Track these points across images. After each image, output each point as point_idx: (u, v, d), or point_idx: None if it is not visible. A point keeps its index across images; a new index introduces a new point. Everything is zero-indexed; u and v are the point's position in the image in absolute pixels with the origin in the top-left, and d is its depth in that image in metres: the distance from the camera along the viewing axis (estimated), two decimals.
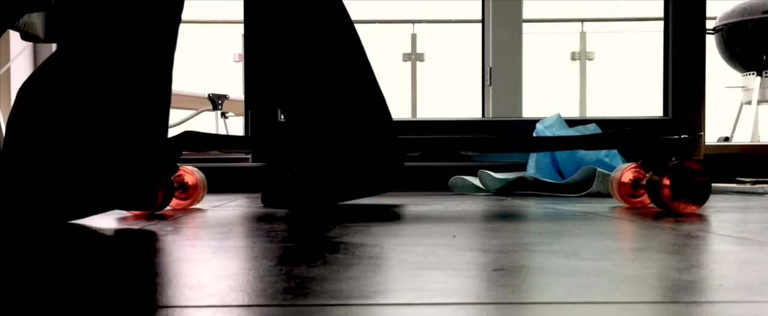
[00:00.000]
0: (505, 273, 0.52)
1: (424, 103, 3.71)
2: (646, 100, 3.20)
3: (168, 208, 1.24)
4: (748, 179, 2.09)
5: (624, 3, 3.79)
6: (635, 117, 2.22)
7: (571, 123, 1.91)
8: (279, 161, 2.01)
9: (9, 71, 2.17)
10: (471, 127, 2.12)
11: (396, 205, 1.36)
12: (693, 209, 1.10)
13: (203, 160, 2.12)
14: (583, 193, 1.70)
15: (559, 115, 1.93)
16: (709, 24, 3.11)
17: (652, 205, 1.18)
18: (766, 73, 3.22)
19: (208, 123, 3.49)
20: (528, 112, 2.28)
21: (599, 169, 1.69)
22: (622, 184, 1.27)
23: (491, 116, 2.25)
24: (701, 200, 1.11)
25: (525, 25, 2.29)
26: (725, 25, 3.16)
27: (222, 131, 3.46)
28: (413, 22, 3.81)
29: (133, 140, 0.92)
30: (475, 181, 1.93)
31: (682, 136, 1.20)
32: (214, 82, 3.63)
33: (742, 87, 3.40)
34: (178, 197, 1.28)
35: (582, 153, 1.81)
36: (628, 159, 1.76)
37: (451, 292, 0.46)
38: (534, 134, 1.90)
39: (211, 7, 3.76)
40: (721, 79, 3.40)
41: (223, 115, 3.52)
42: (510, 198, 1.65)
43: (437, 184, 2.04)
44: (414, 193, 1.84)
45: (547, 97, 3.60)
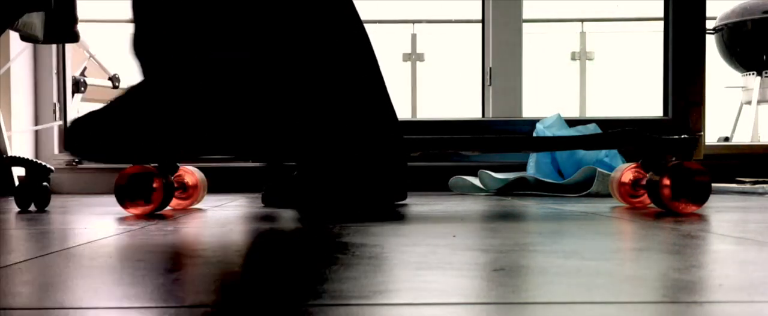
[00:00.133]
0: (505, 273, 0.52)
1: (424, 103, 3.71)
2: (646, 100, 3.20)
3: (168, 208, 1.24)
4: (748, 179, 2.09)
5: (624, 3, 3.79)
6: (635, 117, 2.22)
7: (571, 123, 1.91)
8: (279, 161, 2.01)
9: (9, 71, 2.16)
10: (471, 127, 2.12)
11: (396, 204, 1.36)
12: (693, 209, 1.10)
13: (203, 160, 2.11)
14: (583, 193, 1.71)
15: (559, 115, 1.93)
16: (709, 24, 3.11)
17: (652, 205, 1.18)
18: (766, 73, 3.22)
19: None
20: (528, 112, 2.28)
21: (599, 169, 1.69)
22: (622, 184, 1.27)
23: (491, 116, 2.25)
24: (701, 200, 1.11)
25: (525, 25, 2.29)
26: (725, 25, 3.16)
27: None
28: (413, 22, 3.80)
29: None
30: (475, 181, 1.93)
31: (682, 137, 1.19)
32: None
33: (742, 87, 3.40)
34: (178, 197, 1.28)
35: (582, 153, 1.81)
36: (628, 159, 1.76)
37: (451, 292, 0.46)
38: (534, 134, 1.90)
39: None
40: (721, 79, 3.40)
41: None
42: (510, 198, 1.65)
43: (437, 184, 2.04)
44: (414, 193, 1.84)
45: (547, 97, 3.60)
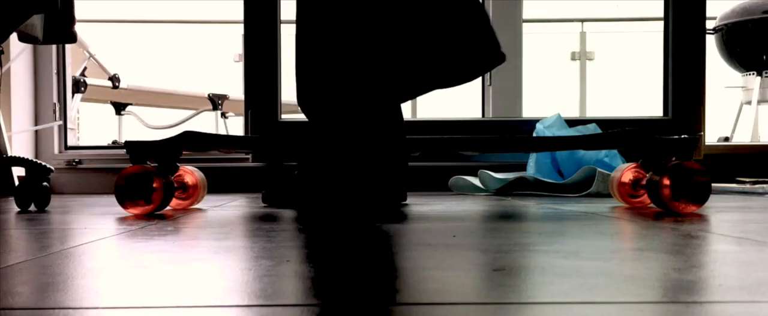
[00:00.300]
0: (505, 273, 0.52)
1: (425, 103, 3.70)
2: (646, 100, 3.20)
3: (168, 208, 1.24)
4: (748, 179, 2.09)
5: (624, 3, 3.79)
6: (635, 117, 2.21)
7: (571, 123, 1.91)
8: (279, 161, 2.01)
9: (9, 71, 2.16)
10: (471, 127, 2.11)
11: (396, 205, 1.36)
12: (693, 209, 1.10)
13: (203, 160, 2.12)
14: (583, 193, 1.70)
15: (559, 115, 1.93)
16: (709, 24, 3.11)
17: (652, 205, 1.18)
18: (766, 73, 3.22)
19: (208, 123, 3.49)
20: (528, 112, 2.27)
21: (599, 169, 1.69)
22: (622, 184, 1.27)
23: (491, 116, 2.25)
24: (701, 200, 1.11)
25: (525, 25, 2.29)
26: (725, 25, 3.16)
27: (222, 131, 3.46)
28: None
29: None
30: (475, 181, 1.93)
31: (682, 137, 1.19)
32: (214, 82, 3.63)
33: (742, 87, 3.39)
34: (178, 197, 1.28)
35: (582, 153, 1.81)
36: (628, 159, 1.76)
37: (451, 292, 0.46)
38: (534, 134, 1.90)
39: (212, 7, 3.77)
40: (721, 79, 3.39)
41: (223, 115, 3.52)
42: (510, 198, 1.65)
43: (437, 184, 2.04)
44: (414, 192, 1.83)
45: (547, 97, 3.59)
